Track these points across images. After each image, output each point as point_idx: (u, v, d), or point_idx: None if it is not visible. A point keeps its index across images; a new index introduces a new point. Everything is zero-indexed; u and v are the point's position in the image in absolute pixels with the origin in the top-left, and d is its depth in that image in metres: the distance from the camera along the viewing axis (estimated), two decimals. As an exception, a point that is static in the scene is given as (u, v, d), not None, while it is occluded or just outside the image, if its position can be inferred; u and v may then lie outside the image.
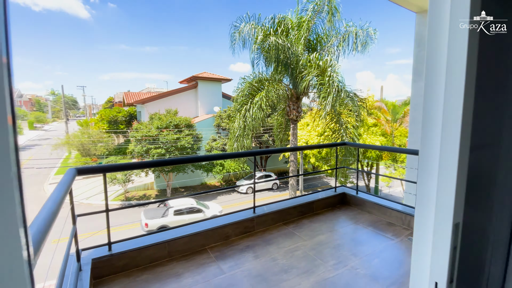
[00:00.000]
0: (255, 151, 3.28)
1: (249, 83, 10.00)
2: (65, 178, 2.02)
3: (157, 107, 22.03)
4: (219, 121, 21.44)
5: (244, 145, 9.43)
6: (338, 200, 4.28)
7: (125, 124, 31.83)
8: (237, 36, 10.41)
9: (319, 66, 9.12)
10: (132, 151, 17.79)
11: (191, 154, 17.94)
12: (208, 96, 24.63)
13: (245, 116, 9.10)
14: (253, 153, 3.27)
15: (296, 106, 10.87)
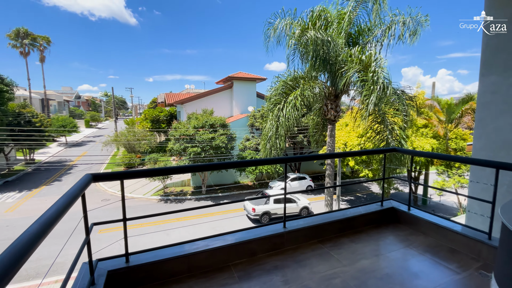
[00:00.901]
0: (287, 158, 2.87)
1: (283, 82, 9.55)
2: (78, 184, 1.84)
3: (194, 107, 22.74)
4: (253, 120, 21.32)
5: (277, 146, 9.04)
6: (385, 216, 3.64)
7: (166, 123, 33.66)
8: (272, 33, 10.02)
9: (361, 61, 8.28)
10: (171, 149, 18.58)
11: (225, 153, 18.09)
12: (243, 96, 24.69)
13: (278, 116, 8.68)
14: (285, 159, 2.87)
15: (334, 105, 10.11)
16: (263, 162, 3.03)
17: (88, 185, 1.90)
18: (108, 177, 2.13)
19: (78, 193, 1.70)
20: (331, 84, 10.10)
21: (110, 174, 2.15)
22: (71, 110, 64.16)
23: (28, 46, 35.55)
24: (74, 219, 6.29)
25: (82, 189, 1.78)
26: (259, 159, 3.14)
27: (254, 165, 2.91)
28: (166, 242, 11.93)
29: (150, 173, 2.26)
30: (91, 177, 1.97)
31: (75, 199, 1.65)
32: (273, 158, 2.76)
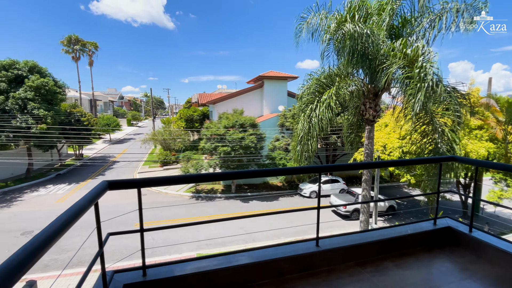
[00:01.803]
0: (322, 167, 2.49)
1: (316, 80, 9.00)
2: (91, 192, 1.70)
3: (225, 107, 22.97)
4: (283, 120, 20.86)
5: (308, 148, 8.55)
6: (440, 238, 3.05)
7: (199, 123, 34.70)
8: (304, 28, 9.51)
9: (406, 55, 7.42)
10: (202, 148, 18.97)
11: (254, 153, 17.94)
12: (273, 95, 24.33)
13: (311, 116, 8.18)
14: (319, 168, 2.50)
15: (373, 104, 9.28)
16: (295, 171, 2.67)
17: (102, 193, 1.76)
18: (125, 185, 1.97)
19: (89, 202, 1.56)
20: (370, 81, 9.29)
21: (128, 182, 1.98)
22: (115, 109, 69.63)
23: (78, 52, 39.19)
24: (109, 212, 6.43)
25: (95, 198, 1.64)
26: (290, 168, 2.76)
27: (284, 174, 2.56)
28: (194, 238, 12.07)
29: (168, 181, 2.07)
30: (106, 185, 1.83)
31: (86, 208, 1.49)
32: (307, 167, 2.41)
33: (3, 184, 19.88)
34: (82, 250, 11.63)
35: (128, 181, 1.99)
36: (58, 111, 22.36)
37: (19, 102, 19.54)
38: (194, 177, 2.25)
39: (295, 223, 15.00)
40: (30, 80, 19.94)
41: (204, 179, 2.07)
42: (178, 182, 2.14)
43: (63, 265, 10.85)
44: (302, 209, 2.56)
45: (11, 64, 19.98)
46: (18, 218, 14.52)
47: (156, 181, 2.12)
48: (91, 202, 1.59)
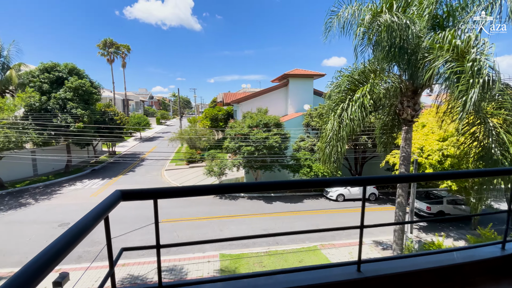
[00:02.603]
0: (366, 179, 2.06)
1: (347, 77, 8.36)
2: (103, 204, 1.46)
3: (250, 106, 22.79)
4: (309, 119, 20.15)
5: (337, 149, 7.97)
6: (510, 266, 2.46)
7: (224, 122, 35.02)
8: (335, 22, 8.88)
9: (455, 48, 6.55)
10: (226, 147, 18.98)
11: (279, 153, 17.52)
12: (299, 94, 23.64)
13: (341, 116, 7.59)
14: (363, 181, 2.07)
15: (412, 103, 8.42)
16: (334, 183, 2.24)
17: (114, 205, 1.52)
18: (140, 196, 1.71)
19: (98, 216, 1.31)
20: (409, 77, 8.44)
21: (143, 192, 1.71)
22: (145, 109, 73.05)
23: (112, 54, 41.48)
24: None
25: (105, 211, 1.39)
26: (328, 179, 2.32)
27: (321, 186, 2.16)
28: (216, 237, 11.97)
29: (186, 193, 1.79)
30: (119, 195, 1.58)
31: (93, 225, 1.24)
32: (348, 179, 1.99)
33: (45, 178, 21.57)
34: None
35: (143, 191, 1.72)
36: (93, 110, 23.74)
37: (60, 102, 21.01)
38: (214, 188, 1.92)
39: (320, 227, 14.37)
40: (70, 82, 21.36)
41: (223, 190, 1.77)
42: (197, 194, 1.85)
43: (95, 257, 11.35)
44: (343, 228, 2.15)
45: (53, 66, 21.56)
46: (57, 210, 15.56)
47: (174, 191, 1.83)
48: (100, 216, 1.34)
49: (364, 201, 2.05)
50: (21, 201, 16.84)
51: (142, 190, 1.71)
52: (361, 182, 2.03)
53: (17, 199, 17.06)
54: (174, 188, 1.74)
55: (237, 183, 1.74)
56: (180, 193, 1.82)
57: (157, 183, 21.87)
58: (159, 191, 1.70)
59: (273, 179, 21.22)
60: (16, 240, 12.06)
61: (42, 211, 15.36)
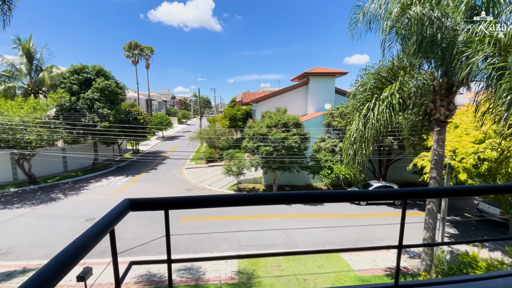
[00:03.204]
0: (407, 193, 1.76)
1: (373, 74, 7.85)
2: (110, 214, 1.31)
3: (268, 105, 22.55)
4: (330, 119, 19.50)
5: (362, 152, 7.51)
6: None
7: (242, 121, 35.06)
8: (360, 17, 8.41)
9: (497, 42, 5.88)
10: (245, 147, 18.88)
11: (298, 154, 17.10)
12: (319, 93, 23.00)
13: (367, 116, 7.12)
14: (404, 194, 1.77)
15: (446, 102, 7.74)
16: (367, 197, 1.94)
17: (122, 215, 1.37)
18: (150, 206, 1.55)
19: (104, 228, 1.16)
20: (442, 74, 7.77)
21: (153, 202, 1.54)
22: (167, 108, 75.23)
23: (137, 56, 43.02)
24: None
25: (112, 222, 1.24)
26: (361, 193, 2.00)
27: (351, 200, 1.86)
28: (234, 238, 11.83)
29: (198, 203, 1.61)
30: (128, 205, 1.43)
31: (98, 237, 1.10)
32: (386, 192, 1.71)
33: (74, 174, 22.78)
34: (132, 240, 12.44)
35: (153, 201, 1.56)
36: (119, 110, 24.70)
37: (88, 102, 22.07)
38: (227, 200, 1.68)
39: (341, 233, 13.83)
40: (97, 83, 22.37)
41: (236, 202, 1.56)
42: (209, 205, 1.67)
43: (118, 251, 11.68)
44: (379, 248, 1.87)
45: (81, 68, 22.69)
46: (84, 205, 16.32)
47: (186, 202, 1.65)
48: (105, 229, 1.19)
49: (404, 217, 1.75)
50: (52, 195, 17.87)
51: (153, 200, 1.54)
52: (401, 195, 1.73)
53: (48, 194, 18.14)
54: (186, 198, 1.55)
55: (255, 194, 1.52)
56: (192, 204, 1.63)
57: (177, 181, 22.31)
58: (170, 201, 1.52)
59: (292, 180, 20.87)
60: (45, 233, 12.77)
61: (71, 206, 16.17)
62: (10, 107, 17.34)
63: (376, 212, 16.75)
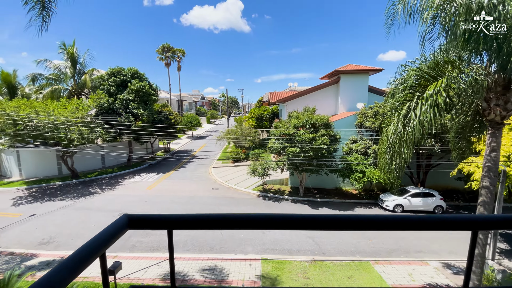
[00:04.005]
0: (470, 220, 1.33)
1: (415, 71, 7.06)
2: (105, 233, 1.11)
3: (296, 105, 21.97)
4: (363, 119, 18.37)
5: (400, 156, 6.79)
6: None
7: (269, 121, 34.77)
8: (400, 9, 7.65)
9: None
10: (271, 147, 18.57)
11: (327, 155, 16.33)
12: (351, 91, 21.85)
13: (407, 117, 6.39)
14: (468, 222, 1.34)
15: (502, 101, 6.70)
16: (414, 225, 1.48)
17: (119, 234, 1.17)
18: (150, 224, 1.32)
19: (96, 250, 0.97)
20: (498, 69, 6.74)
21: (155, 220, 1.30)
22: (197, 109, 77.65)
23: (169, 58, 44.83)
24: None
25: (107, 243, 1.04)
26: (406, 219, 1.55)
27: (392, 229, 1.43)
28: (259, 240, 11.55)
29: (202, 223, 1.35)
30: (126, 222, 1.22)
31: (88, 261, 0.92)
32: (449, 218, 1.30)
33: (111, 170, 24.30)
34: (160, 236, 12.79)
35: (156, 218, 1.31)
36: (152, 110, 25.86)
37: (124, 103, 23.39)
38: (240, 220, 1.36)
39: (373, 241, 12.90)
40: (132, 84, 23.62)
41: (251, 224, 1.27)
42: (218, 226, 1.39)
43: (147, 246, 12.08)
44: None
45: (118, 71, 24.12)
46: (118, 200, 17.26)
47: (192, 221, 1.39)
48: (96, 250, 0.99)
49: (473, 253, 1.30)
50: (90, 190, 19.20)
51: (155, 217, 1.30)
52: (469, 224, 1.30)
53: (87, 188, 19.52)
54: (192, 217, 1.29)
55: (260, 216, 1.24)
56: (199, 224, 1.37)
57: (205, 179, 22.70)
58: (175, 219, 1.27)
59: (320, 182, 20.08)
60: (82, 225, 13.67)
61: (106, 200, 17.20)
62: (56, 107, 18.95)
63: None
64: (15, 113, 17.31)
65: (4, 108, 17.54)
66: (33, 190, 18.98)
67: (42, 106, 18.69)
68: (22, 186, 19.55)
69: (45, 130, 17.83)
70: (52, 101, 20.34)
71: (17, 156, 21.25)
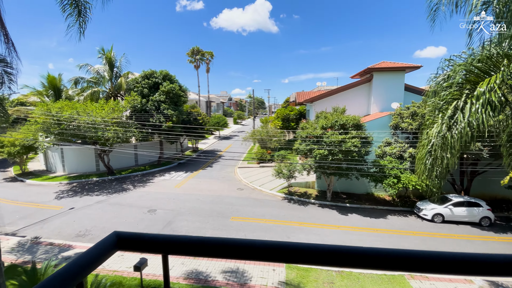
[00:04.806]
0: None
1: (463, 65, 6.23)
2: (88, 254, 0.94)
3: (324, 105, 21.17)
4: (398, 120, 17.08)
5: (444, 162, 6.02)
6: None
7: (295, 122, 34.08)
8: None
9: None
10: (297, 149, 18.06)
11: (357, 158, 15.41)
12: (385, 90, 20.49)
13: (454, 118, 5.63)
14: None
15: None
16: None
17: (106, 257, 0.99)
18: (143, 246, 1.11)
19: (75, 276, 0.80)
20: None
21: (149, 242, 1.08)
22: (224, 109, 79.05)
23: (198, 61, 46.13)
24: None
25: (86, 267, 0.88)
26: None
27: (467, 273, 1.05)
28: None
29: (199, 249, 1.10)
30: (114, 242, 1.03)
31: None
32: None
33: (143, 168, 25.52)
34: (185, 233, 13.01)
35: (149, 239, 1.09)
36: (181, 111, 26.70)
37: (155, 104, 24.43)
38: (242, 249, 1.07)
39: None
40: (163, 86, 24.59)
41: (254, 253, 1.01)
42: (218, 255, 1.14)
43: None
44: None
45: (151, 73, 25.26)
46: (148, 197, 17.99)
47: (189, 245, 1.14)
48: (75, 276, 0.82)
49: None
50: (124, 186, 20.29)
51: (148, 238, 1.08)
52: None
53: (121, 185, 20.66)
54: (188, 241, 1.06)
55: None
56: (196, 251, 1.12)
57: (230, 179, 22.84)
58: (170, 241, 1.05)
59: (349, 187, 19.08)
60: (115, 220, 14.41)
61: (137, 197, 18.02)
62: (94, 108, 20.34)
63: (454, 233, 13.93)
64: (58, 113, 18.90)
65: (49, 109, 19.23)
66: (74, 184, 20.57)
67: (82, 107, 20.19)
68: (64, 181, 21.30)
69: (84, 129, 19.22)
70: (91, 103, 21.90)
71: (61, 153, 23.23)
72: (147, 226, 13.71)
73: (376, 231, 13.88)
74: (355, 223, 14.68)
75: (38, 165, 26.58)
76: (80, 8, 7.12)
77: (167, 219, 14.62)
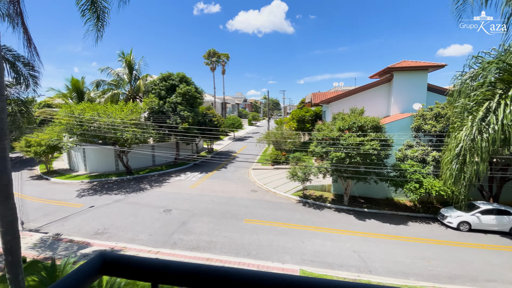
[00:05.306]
0: None
1: (496, 62, 5.73)
2: (65, 281, 0.83)
3: (341, 106, 20.60)
4: (420, 122, 16.27)
5: (473, 167, 5.55)
6: None
7: (311, 123, 33.51)
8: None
9: None
10: (312, 151, 17.68)
11: (376, 162, 14.80)
12: (406, 90, 19.63)
13: (486, 120, 5.16)
14: None
15: None
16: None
17: (86, 283, 0.87)
18: (132, 272, 0.98)
19: None
20: None
21: (138, 267, 0.95)
22: (239, 111, 79.44)
23: (214, 63, 46.66)
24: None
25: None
26: None
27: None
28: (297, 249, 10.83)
29: (194, 283, 0.96)
30: (99, 266, 0.91)
31: None
32: None
33: (159, 168, 26.07)
34: (200, 235, 13.05)
35: (138, 264, 0.96)
36: (197, 112, 27.06)
37: (172, 106, 24.90)
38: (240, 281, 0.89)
39: (435, 263, 11.17)
40: (180, 88, 25.02)
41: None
42: (208, 285, 0.99)
43: (187, 245, 12.41)
44: None
45: (168, 76, 25.80)
46: (164, 197, 18.29)
47: (180, 274, 1.00)
48: None
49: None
50: (141, 185, 20.78)
51: (136, 263, 0.95)
52: None
53: (138, 184, 21.19)
54: (180, 268, 0.91)
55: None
56: (187, 279, 0.96)
57: (244, 181, 22.78)
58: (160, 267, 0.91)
59: (367, 191, 18.41)
60: (132, 219, 14.74)
61: (154, 196, 18.37)
62: (114, 110, 21.03)
63: (482, 243, 13.00)
64: (81, 115, 19.71)
65: (72, 111, 20.11)
66: (94, 183, 21.35)
67: (102, 109, 20.94)
68: (86, 179, 22.17)
69: (104, 130, 19.90)
70: (111, 104, 22.67)
71: (83, 152, 24.23)
72: (162, 226, 13.89)
73: (396, 238, 13.24)
74: (373, 229, 14.09)
75: (62, 164, 27.90)
76: (99, 13, 7.32)
77: (181, 219, 14.75)
